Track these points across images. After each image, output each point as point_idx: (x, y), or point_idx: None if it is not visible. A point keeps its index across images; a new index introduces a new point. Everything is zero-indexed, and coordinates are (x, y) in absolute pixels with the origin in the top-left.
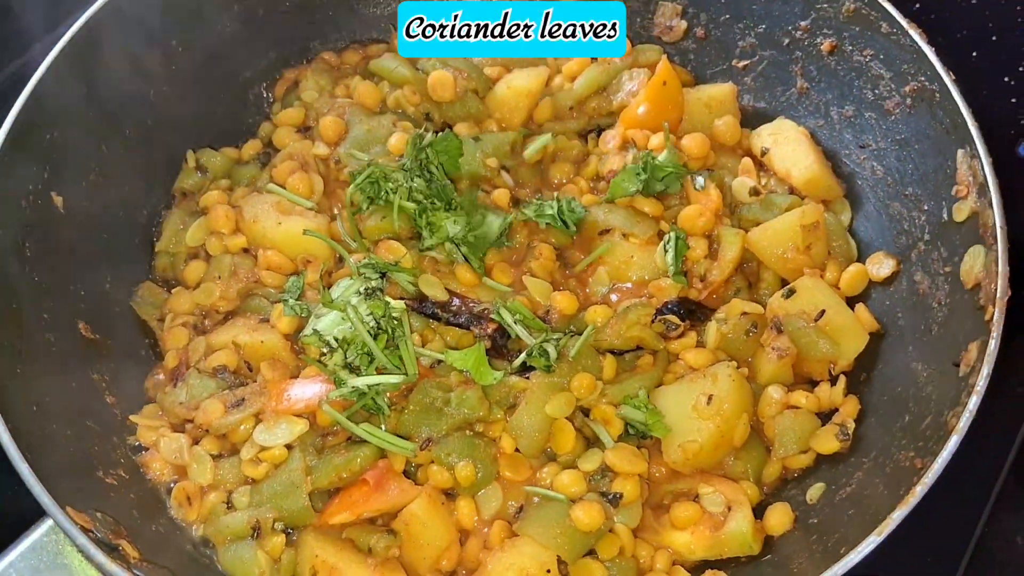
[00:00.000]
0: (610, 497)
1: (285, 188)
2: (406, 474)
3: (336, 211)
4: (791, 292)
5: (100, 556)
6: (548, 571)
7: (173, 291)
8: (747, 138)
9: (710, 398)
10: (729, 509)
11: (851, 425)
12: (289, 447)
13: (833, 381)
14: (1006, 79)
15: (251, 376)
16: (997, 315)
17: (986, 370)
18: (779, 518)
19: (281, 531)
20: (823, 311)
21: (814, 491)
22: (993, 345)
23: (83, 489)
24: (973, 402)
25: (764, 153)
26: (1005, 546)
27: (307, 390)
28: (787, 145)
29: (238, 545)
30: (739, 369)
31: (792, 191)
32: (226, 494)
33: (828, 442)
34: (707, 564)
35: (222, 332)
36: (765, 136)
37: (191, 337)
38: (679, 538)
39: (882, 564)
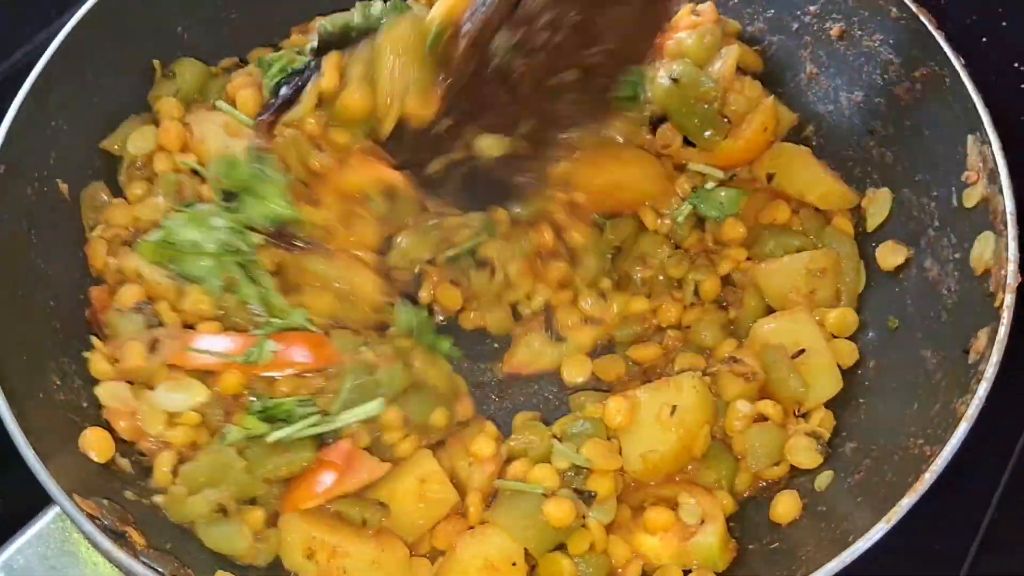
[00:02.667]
0: (584, 495)
1: (236, 105)
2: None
3: None
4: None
5: (107, 543)
6: (514, 564)
7: (112, 201)
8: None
9: (674, 409)
10: (702, 522)
11: (825, 435)
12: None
13: (803, 417)
14: (1015, 64)
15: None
16: (1007, 301)
17: (996, 357)
18: (787, 506)
19: (247, 503)
20: (803, 350)
21: (822, 479)
22: (1003, 332)
23: (90, 476)
24: (983, 389)
25: (771, 179)
26: (1014, 534)
27: (216, 344)
28: (791, 166)
29: (217, 525)
30: (703, 378)
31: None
32: (176, 455)
33: (809, 457)
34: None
35: (130, 256)
36: (766, 162)
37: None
38: (647, 541)
39: (890, 552)
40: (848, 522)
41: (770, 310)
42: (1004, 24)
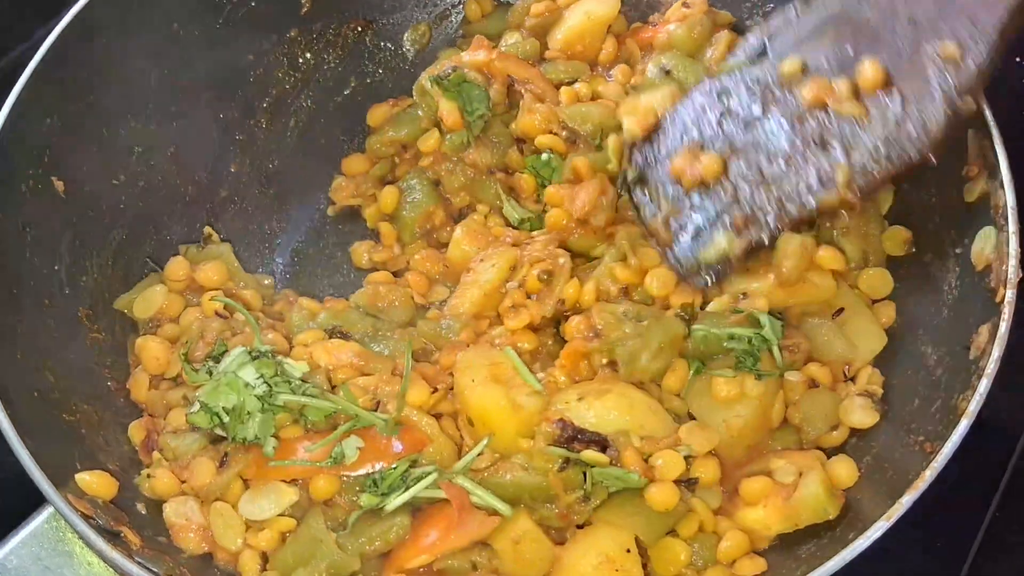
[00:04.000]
0: (686, 482)
1: None
2: None
3: None
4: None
5: (100, 543)
6: (628, 551)
7: (140, 340)
8: None
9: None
10: (801, 475)
11: (879, 392)
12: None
13: (852, 380)
14: (1018, 59)
15: None
16: (1008, 297)
17: (997, 353)
18: (846, 470)
19: None
20: (841, 309)
21: None
22: (1004, 327)
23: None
24: (984, 385)
25: None
26: (1016, 532)
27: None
28: None
29: None
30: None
31: None
32: (260, 555)
33: (865, 415)
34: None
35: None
36: None
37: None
38: (752, 514)
39: (891, 549)
40: (848, 520)
41: None
42: None
